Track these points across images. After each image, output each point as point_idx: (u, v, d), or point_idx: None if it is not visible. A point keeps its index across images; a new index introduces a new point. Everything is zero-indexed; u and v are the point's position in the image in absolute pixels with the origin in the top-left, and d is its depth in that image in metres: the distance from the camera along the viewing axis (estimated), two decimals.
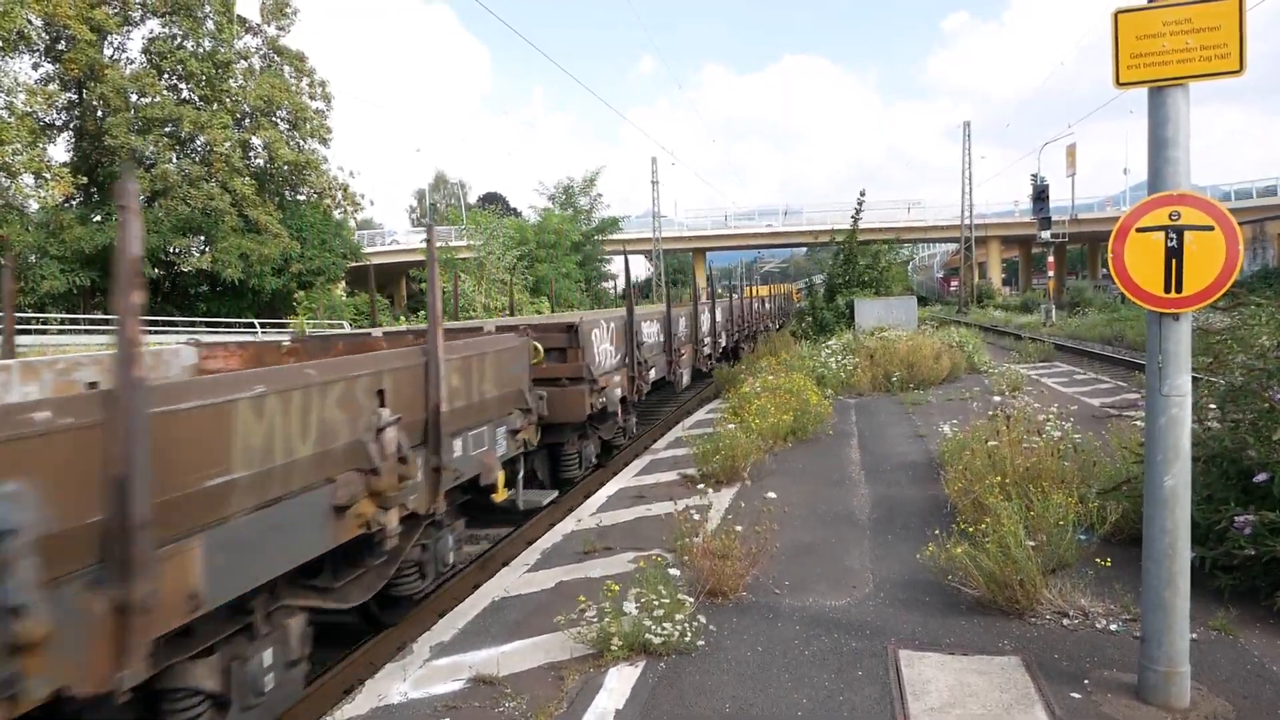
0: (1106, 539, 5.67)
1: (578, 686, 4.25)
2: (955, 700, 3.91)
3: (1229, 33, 3.50)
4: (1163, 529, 3.70)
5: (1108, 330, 26.77)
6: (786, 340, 21.66)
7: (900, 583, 5.52)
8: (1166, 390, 3.64)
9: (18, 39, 30.04)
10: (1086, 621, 4.71)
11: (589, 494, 9.07)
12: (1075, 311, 37.55)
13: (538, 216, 51.55)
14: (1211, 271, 3.56)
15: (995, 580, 4.86)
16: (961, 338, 19.30)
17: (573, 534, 7.09)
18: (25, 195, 30.45)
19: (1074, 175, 51.85)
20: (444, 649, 4.86)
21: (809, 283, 31.59)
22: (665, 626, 4.58)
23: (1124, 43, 3.66)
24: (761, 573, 5.64)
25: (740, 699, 4.06)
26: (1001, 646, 4.48)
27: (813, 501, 7.68)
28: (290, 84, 38.48)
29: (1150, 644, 3.77)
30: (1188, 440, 3.68)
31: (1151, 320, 3.70)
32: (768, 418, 10.07)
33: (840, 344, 18.09)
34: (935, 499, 7.34)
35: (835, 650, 4.55)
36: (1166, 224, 3.61)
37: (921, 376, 15.38)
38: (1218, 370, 5.83)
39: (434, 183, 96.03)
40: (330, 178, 40.21)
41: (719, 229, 69.09)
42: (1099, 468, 6.61)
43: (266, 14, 37.19)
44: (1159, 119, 3.64)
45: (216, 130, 33.78)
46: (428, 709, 4.13)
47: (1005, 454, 6.48)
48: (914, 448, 9.89)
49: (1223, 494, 5.09)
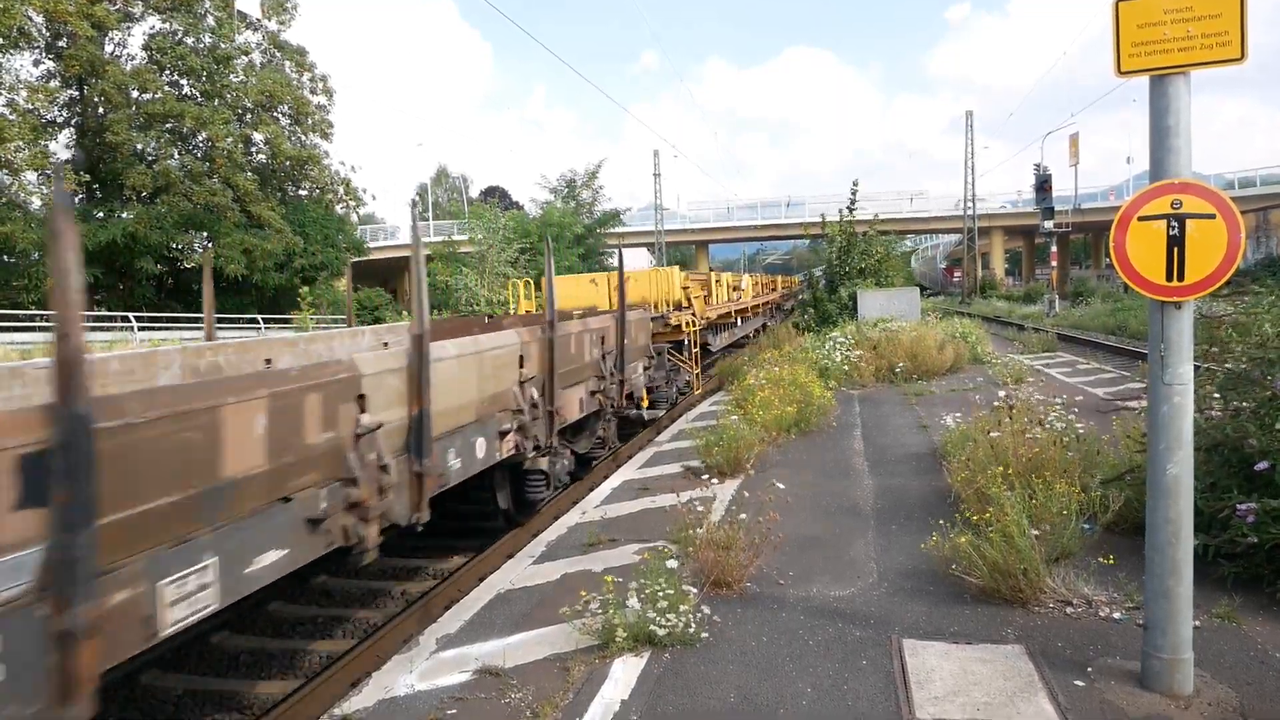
0: (1109, 528, 5.68)
1: (583, 678, 4.28)
2: (959, 688, 3.93)
3: (1230, 20, 3.49)
4: (1165, 517, 3.71)
5: (1111, 320, 26.75)
6: (789, 332, 21.66)
7: (904, 573, 5.53)
8: (1169, 379, 3.65)
9: (18, 36, 30.05)
10: (1090, 610, 4.73)
11: (594, 486, 9.10)
12: (1078, 302, 37.51)
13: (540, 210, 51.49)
14: (1213, 260, 3.56)
15: (999, 569, 4.88)
16: (965, 329, 19.27)
17: (577, 526, 7.12)
18: (28, 193, 30.51)
19: (1077, 165, 51.80)
20: (450, 641, 4.88)
21: (810, 274, 31.52)
22: (669, 618, 4.60)
23: (1125, 31, 3.66)
24: (765, 564, 5.66)
25: (745, 689, 4.08)
26: (1005, 635, 4.50)
27: (816, 493, 7.69)
28: (291, 79, 38.46)
29: (1153, 632, 3.78)
30: (1190, 428, 3.69)
31: (1153, 309, 3.71)
32: (771, 410, 10.08)
33: (843, 336, 18.08)
34: (939, 490, 7.35)
35: (839, 640, 4.57)
36: (1168, 212, 3.61)
37: (925, 368, 15.37)
38: (1221, 358, 5.83)
39: (436, 177, 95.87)
40: (332, 173, 40.22)
41: (722, 221, 68.93)
42: (1102, 457, 6.62)
43: (267, 9, 37.17)
44: (1160, 108, 3.64)
45: (218, 126, 33.76)
46: (434, 701, 4.16)
47: (1009, 444, 6.49)
48: (917, 439, 9.90)
49: (1226, 482, 5.10)
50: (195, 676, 5.53)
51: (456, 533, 7.63)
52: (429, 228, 65.48)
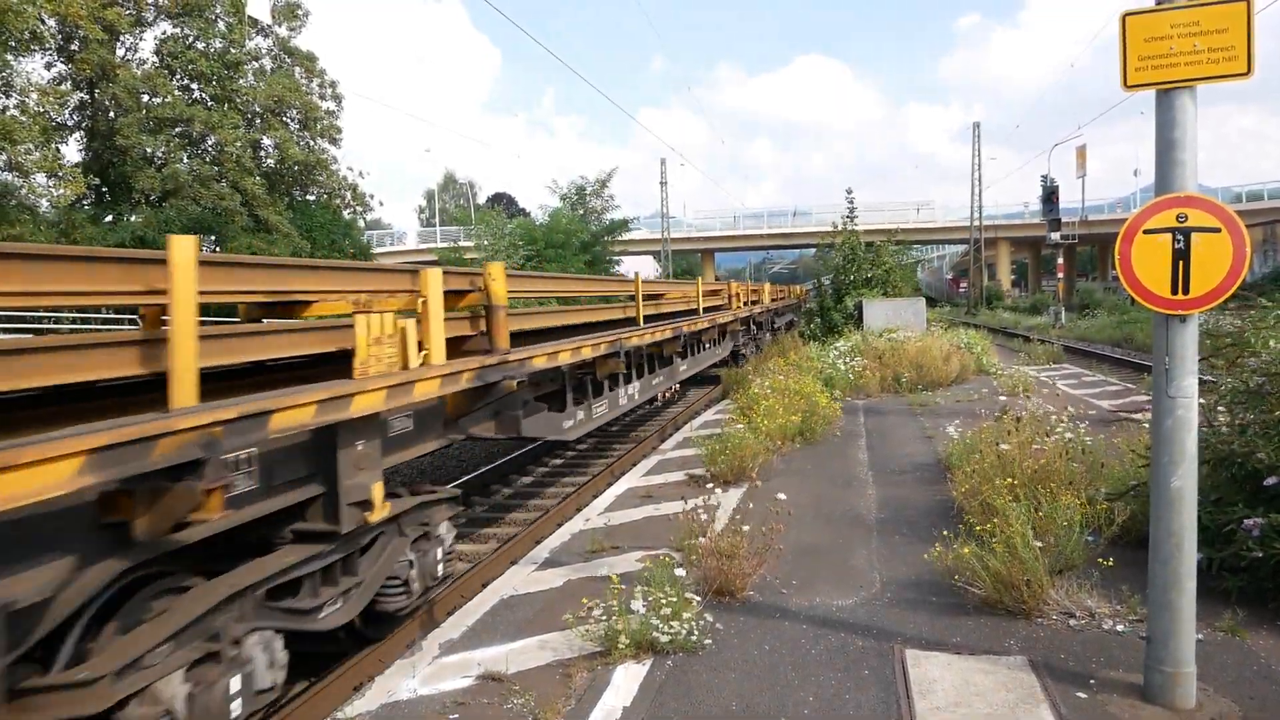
0: (1114, 540, 5.67)
1: (585, 684, 4.28)
2: (961, 699, 3.93)
3: (1237, 35, 3.51)
4: (1169, 530, 3.70)
5: (1117, 332, 26.70)
6: (795, 341, 21.65)
7: (907, 583, 5.53)
8: (1173, 392, 3.65)
9: (30, 39, 30.22)
10: (1093, 622, 4.72)
11: (597, 494, 9.10)
12: (1085, 313, 37.43)
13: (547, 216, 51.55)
14: (1218, 273, 3.57)
15: (1002, 581, 4.87)
16: (970, 339, 19.27)
17: (581, 533, 7.13)
18: (38, 194, 30.65)
19: (1084, 177, 51.61)
20: (453, 646, 4.89)
21: (817, 283, 31.50)
22: (672, 625, 4.60)
23: (1132, 45, 3.68)
24: (769, 572, 5.66)
25: (747, 697, 4.08)
26: (1008, 646, 4.49)
27: (820, 502, 7.69)
28: (301, 84, 38.63)
29: (1156, 645, 3.78)
30: (1194, 441, 3.69)
31: (1158, 322, 3.71)
32: (776, 419, 10.08)
33: (849, 345, 18.07)
34: (942, 500, 7.34)
35: (842, 649, 4.57)
36: (1174, 226, 3.62)
37: (930, 378, 15.36)
38: (1230, 372, 5.83)
39: (443, 183, 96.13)
40: (340, 178, 40.36)
41: (728, 230, 69.04)
42: (1107, 469, 6.61)
43: (278, 15, 37.36)
44: (1166, 121, 3.65)
45: (227, 130, 33.94)
46: (437, 705, 4.16)
47: (1014, 455, 6.48)
48: (922, 449, 9.89)
49: (1231, 496, 5.09)
50: None
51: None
52: (436, 233, 65.73)
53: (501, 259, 35.42)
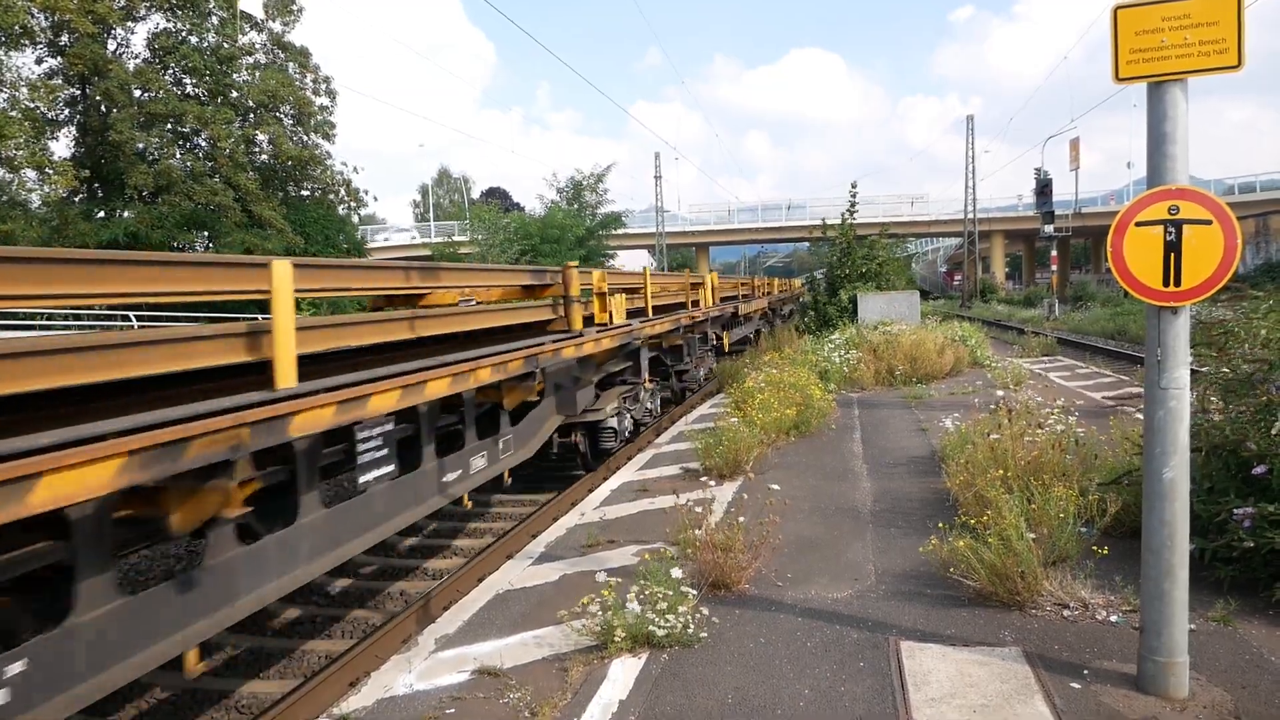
0: (1107, 531, 5.70)
1: (581, 678, 4.30)
2: (955, 690, 3.95)
3: (1227, 28, 3.52)
4: (1162, 520, 3.73)
5: (1110, 325, 26.80)
6: (790, 334, 21.68)
7: (902, 575, 5.55)
8: (1165, 383, 3.67)
9: (21, 33, 30.08)
10: (1086, 613, 4.75)
11: (592, 488, 9.12)
12: (1078, 306, 37.54)
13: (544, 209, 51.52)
14: (1210, 265, 3.58)
15: (996, 572, 4.89)
16: (964, 332, 19.31)
17: (576, 527, 7.14)
18: (28, 190, 30.53)
19: (1077, 169, 51.86)
20: (448, 641, 4.90)
21: (811, 277, 31.52)
22: (668, 619, 4.62)
23: (1123, 38, 3.69)
24: (764, 565, 5.68)
25: (743, 689, 4.10)
26: (1002, 638, 4.52)
27: (815, 495, 7.71)
28: (294, 79, 38.48)
29: (1149, 635, 3.80)
30: (1186, 432, 3.71)
31: (1150, 314, 3.73)
32: (770, 412, 10.10)
33: (843, 338, 18.10)
34: (937, 493, 7.37)
35: (837, 642, 4.59)
36: (1165, 218, 3.64)
37: (924, 371, 15.40)
38: (1221, 362, 5.85)
39: (437, 178, 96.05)
40: (334, 173, 40.26)
41: (722, 224, 69.02)
42: (1100, 460, 6.64)
43: (271, 10, 37.20)
44: (1158, 114, 3.66)
45: (220, 125, 33.80)
46: (433, 700, 4.18)
47: (1008, 447, 6.51)
48: (916, 442, 9.92)
49: (1223, 486, 5.12)
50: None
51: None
52: (430, 228, 65.62)
53: (496, 254, 35.44)
